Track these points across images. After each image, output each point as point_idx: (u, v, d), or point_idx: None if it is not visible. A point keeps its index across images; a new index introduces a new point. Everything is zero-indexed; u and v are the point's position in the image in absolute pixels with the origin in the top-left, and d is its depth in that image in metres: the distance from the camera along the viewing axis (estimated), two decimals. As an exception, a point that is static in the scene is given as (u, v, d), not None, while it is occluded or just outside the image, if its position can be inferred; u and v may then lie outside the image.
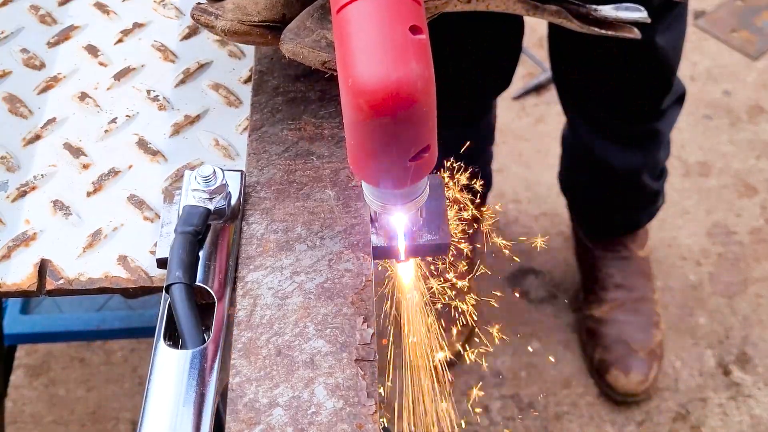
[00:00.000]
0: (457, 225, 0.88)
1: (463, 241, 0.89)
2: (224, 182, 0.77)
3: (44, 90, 0.99)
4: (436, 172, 0.83)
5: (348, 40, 0.63)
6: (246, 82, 0.99)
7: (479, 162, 1.96)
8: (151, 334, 0.71)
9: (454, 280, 0.91)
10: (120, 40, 1.04)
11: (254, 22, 0.83)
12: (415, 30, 0.62)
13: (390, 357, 0.96)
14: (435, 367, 0.94)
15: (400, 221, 0.76)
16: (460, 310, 0.95)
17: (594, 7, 0.92)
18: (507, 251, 0.98)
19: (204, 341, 0.70)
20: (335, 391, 0.68)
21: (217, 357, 0.70)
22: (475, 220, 0.90)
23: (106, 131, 0.95)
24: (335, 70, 0.80)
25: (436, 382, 0.95)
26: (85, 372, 2.00)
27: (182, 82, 1.00)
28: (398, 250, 0.79)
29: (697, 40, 2.61)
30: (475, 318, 0.97)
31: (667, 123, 1.75)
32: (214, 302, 0.74)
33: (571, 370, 1.98)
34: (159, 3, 1.08)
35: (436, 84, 0.65)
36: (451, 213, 0.87)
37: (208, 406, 0.68)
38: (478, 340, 1.16)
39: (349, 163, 0.70)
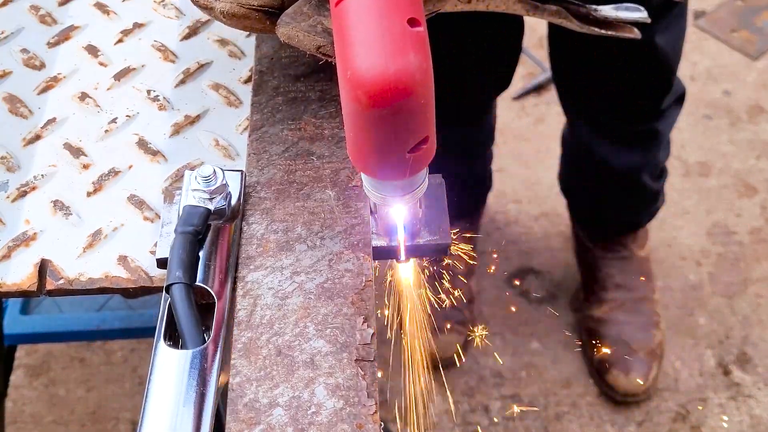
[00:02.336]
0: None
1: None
2: (224, 182, 0.77)
3: (44, 90, 0.99)
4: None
5: (347, 32, 0.63)
6: (246, 82, 0.99)
7: (479, 162, 1.97)
8: (151, 334, 0.71)
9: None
10: (120, 40, 1.04)
11: (253, 6, 0.83)
12: (413, 22, 0.63)
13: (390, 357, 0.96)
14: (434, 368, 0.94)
15: (399, 213, 0.76)
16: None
17: (594, 7, 0.92)
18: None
19: (204, 341, 0.70)
20: (335, 391, 0.68)
21: (217, 357, 0.70)
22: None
23: (106, 131, 0.95)
24: (329, 56, 0.80)
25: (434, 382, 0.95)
26: (85, 372, 2.00)
27: (182, 82, 1.00)
28: (398, 249, 0.79)
29: (697, 40, 2.61)
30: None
31: (667, 123, 1.75)
32: (214, 302, 0.74)
33: (571, 370, 1.98)
34: (159, 3, 1.08)
35: (436, 83, 0.65)
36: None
37: (208, 406, 0.68)
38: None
39: (348, 155, 0.70)
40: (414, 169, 0.68)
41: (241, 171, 0.82)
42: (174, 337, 0.72)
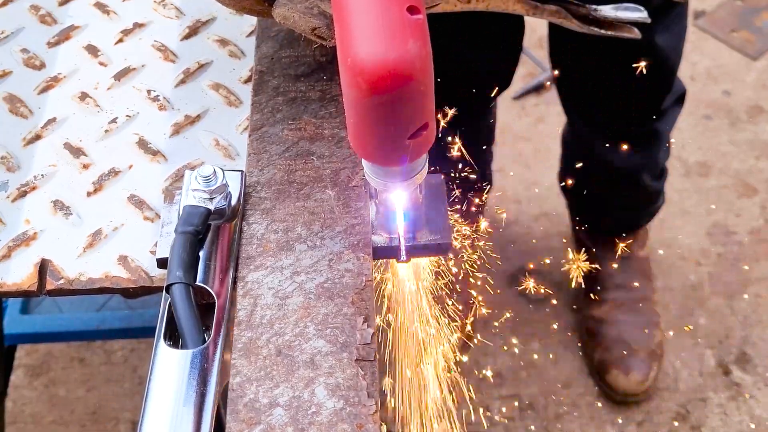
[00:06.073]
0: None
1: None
2: (224, 182, 0.77)
3: (44, 90, 0.99)
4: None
5: (347, 20, 0.64)
6: (246, 82, 0.99)
7: (479, 162, 1.96)
8: (151, 334, 0.71)
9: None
10: (120, 40, 1.04)
11: None
12: (412, 10, 0.63)
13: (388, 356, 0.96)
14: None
15: (399, 199, 0.76)
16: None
17: (594, 7, 0.92)
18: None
19: (204, 341, 0.70)
20: (335, 391, 0.68)
21: (217, 357, 0.70)
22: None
23: (106, 131, 0.95)
24: (324, 38, 0.81)
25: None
26: (85, 372, 2.00)
27: (182, 82, 1.00)
28: (399, 249, 0.79)
29: (697, 40, 2.61)
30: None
31: (667, 123, 1.75)
32: (214, 302, 0.74)
33: (571, 370, 1.98)
34: (159, 3, 1.08)
35: (436, 84, 0.66)
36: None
37: (209, 406, 0.68)
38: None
39: (349, 141, 0.70)
40: (414, 155, 0.68)
41: (241, 171, 0.82)
42: (174, 337, 0.72)
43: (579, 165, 1.91)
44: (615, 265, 1.99)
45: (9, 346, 1.73)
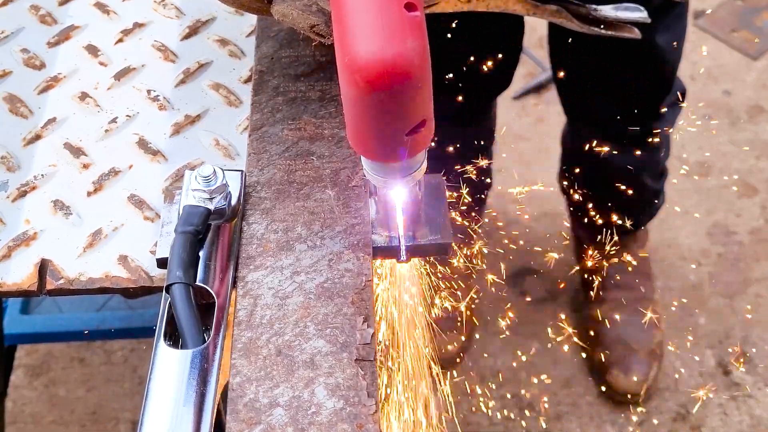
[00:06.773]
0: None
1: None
2: (224, 182, 0.77)
3: (44, 90, 0.99)
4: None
5: (345, 17, 0.64)
6: (246, 82, 0.99)
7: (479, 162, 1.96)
8: (151, 334, 0.71)
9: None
10: (120, 40, 1.04)
11: None
12: (410, 7, 0.64)
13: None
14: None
15: (399, 196, 0.77)
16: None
17: (594, 7, 0.92)
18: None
19: (204, 341, 0.70)
20: (335, 391, 0.68)
21: (217, 357, 0.70)
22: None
23: (106, 131, 0.95)
24: (323, 36, 0.81)
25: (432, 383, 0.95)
26: (85, 372, 2.00)
27: (182, 82, 1.00)
28: (399, 248, 0.79)
29: (697, 40, 2.61)
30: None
31: (668, 123, 1.75)
32: (214, 302, 0.74)
33: (571, 370, 1.98)
34: (159, 3, 1.08)
35: (436, 84, 0.66)
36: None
37: (209, 406, 0.68)
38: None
39: (348, 138, 0.70)
40: (413, 152, 0.68)
41: (241, 171, 0.82)
42: (174, 337, 0.72)
43: (579, 165, 1.91)
44: (615, 265, 1.98)
45: (9, 346, 1.73)
